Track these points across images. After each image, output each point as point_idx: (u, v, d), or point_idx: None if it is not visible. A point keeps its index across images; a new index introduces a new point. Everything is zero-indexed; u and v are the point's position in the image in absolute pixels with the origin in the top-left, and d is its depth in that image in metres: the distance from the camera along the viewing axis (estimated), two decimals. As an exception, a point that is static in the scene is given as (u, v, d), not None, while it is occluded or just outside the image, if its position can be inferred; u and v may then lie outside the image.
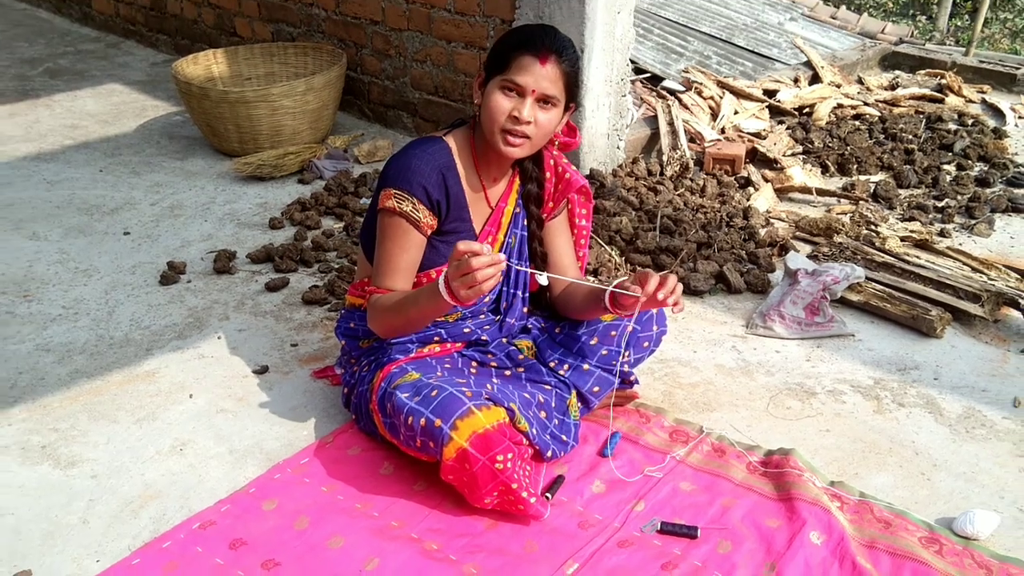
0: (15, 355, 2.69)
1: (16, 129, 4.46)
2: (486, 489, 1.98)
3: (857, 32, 5.54)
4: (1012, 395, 2.47)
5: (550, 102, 2.06)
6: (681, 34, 5.24)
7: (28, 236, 3.41)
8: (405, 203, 2.09)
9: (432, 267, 2.19)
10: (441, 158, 2.12)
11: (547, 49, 2.02)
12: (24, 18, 6.45)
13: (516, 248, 2.31)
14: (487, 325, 2.32)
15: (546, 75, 2.02)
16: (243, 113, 3.83)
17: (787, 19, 5.71)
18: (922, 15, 13.73)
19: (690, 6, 5.74)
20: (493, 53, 2.09)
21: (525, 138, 2.07)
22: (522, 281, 2.34)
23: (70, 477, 2.21)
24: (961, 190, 3.62)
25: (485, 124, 2.08)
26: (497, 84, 2.05)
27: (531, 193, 2.26)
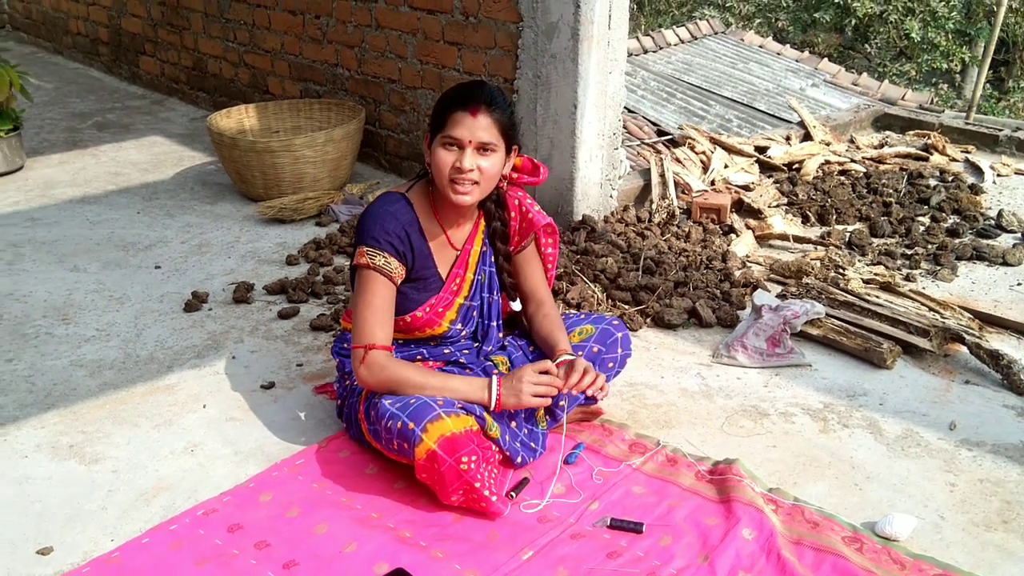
0: (52, 369, 3.01)
1: (65, 175, 4.87)
2: (453, 487, 2.23)
3: (878, 99, 5.79)
4: (950, 419, 2.68)
5: (488, 148, 2.30)
6: (703, 98, 5.57)
7: (70, 268, 3.76)
8: (377, 258, 2.33)
9: (404, 312, 2.44)
10: (403, 216, 2.38)
11: (476, 102, 2.26)
12: (77, 76, 6.96)
13: (486, 283, 2.57)
14: (466, 350, 2.59)
15: (479, 125, 2.27)
16: (268, 161, 4.20)
17: (809, 85, 6.00)
18: (946, 84, 13.99)
19: (714, 72, 6.08)
20: (433, 114, 2.34)
21: (474, 184, 2.31)
22: (495, 313, 2.61)
23: (93, 471, 2.50)
24: (931, 239, 3.85)
25: (436, 178, 2.34)
26: (439, 142, 2.30)
27: (496, 231, 2.52)
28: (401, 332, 2.49)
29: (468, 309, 2.55)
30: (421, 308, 2.45)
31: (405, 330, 2.48)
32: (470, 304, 2.55)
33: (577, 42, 3.67)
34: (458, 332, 2.54)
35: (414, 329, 2.47)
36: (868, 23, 13.34)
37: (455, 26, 4.17)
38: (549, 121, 3.87)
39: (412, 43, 4.40)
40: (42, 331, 3.25)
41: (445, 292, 2.48)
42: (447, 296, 2.49)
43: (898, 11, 12.80)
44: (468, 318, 2.56)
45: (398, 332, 2.48)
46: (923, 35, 12.52)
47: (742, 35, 7.03)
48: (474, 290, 2.54)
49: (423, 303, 2.45)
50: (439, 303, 2.47)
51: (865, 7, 12.74)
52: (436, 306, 2.47)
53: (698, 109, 5.39)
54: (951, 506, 2.32)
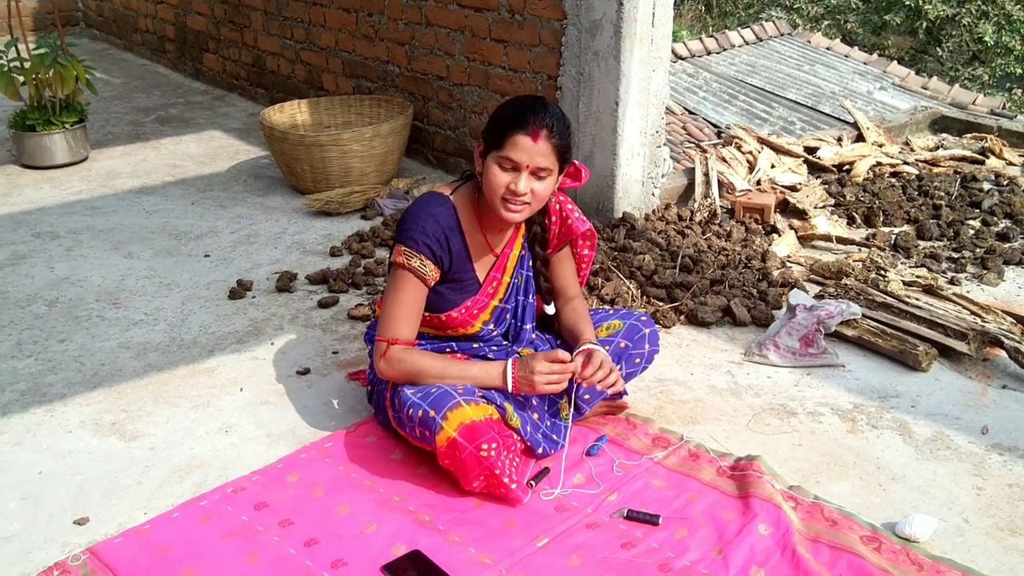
0: (100, 350, 3.13)
1: (126, 167, 5.04)
2: (474, 474, 2.27)
3: (947, 103, 5.68)
4: (983, 424, 2.63)
5: (544, 172, 2.29)
6: (767, 100, 5.52)
7: (124, 255, 3.89)
8: (414, 259, 2.35)
9: (440, 311, 2.47)
10: (445, 219, 2.38)
11: (537, 126, 2.23)
12: (144, 72, 7.18)
13: (522, 287, 2.59)
14: (495, 346, 2.61)
15: (538, 151, 2.24)
16: (316, 155, 4.29)
17: (876, 88, 5.91)
18: (1019, 89, 13.60)
19: (778, 74, 6.02)
20: (490, 127, 2.30)
21: (525, 204, 2.32)
22: (529, 316, 2.63)
23: (132, 448, 2.60)
24: (980, 243, 3.77)
25: (487, 194, 2.33)
26: (494, 159, 2.28)
27: (536, 236, 2.53)
28: (434, 328, 2.52)
29: (502, 311, 2.57)
30: (457, 309, 2.47)
31: (439, 327, 2.51)
32: (504, 306, 2.57)
33: (620, 39, 3.69)
34: (490, 332, 2.57)
35: (447, 327, 2.51)
36: (940, 26, 13.03)
37: (501, 23, 4.21)
38: (591, 118, 3.89)
39: (460, 40, 4.46)
40: (94, 314, 3.38)
41: (481, 295, 2.50)
42: (483, 299, 2.51)
43: (971, 14, 12.48)
44: (501, 320, 2.58)
45: (431, 328, 2.52)
46: (997, 39, 12.19)
47: (809, 37, 6.94)
48: (510, 293, 2.56)
49: (459, 304, 2.48)
50: (475, 305, 2.49)
51: (937, 9, 12.44)
52: (472, 308, 2.49)
53: (760, 111, 5.34)
54: (976, 510, 2.28)
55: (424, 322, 2.48)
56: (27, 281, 3.64)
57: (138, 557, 2.15)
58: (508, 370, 2.36)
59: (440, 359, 2.42)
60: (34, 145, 4.88)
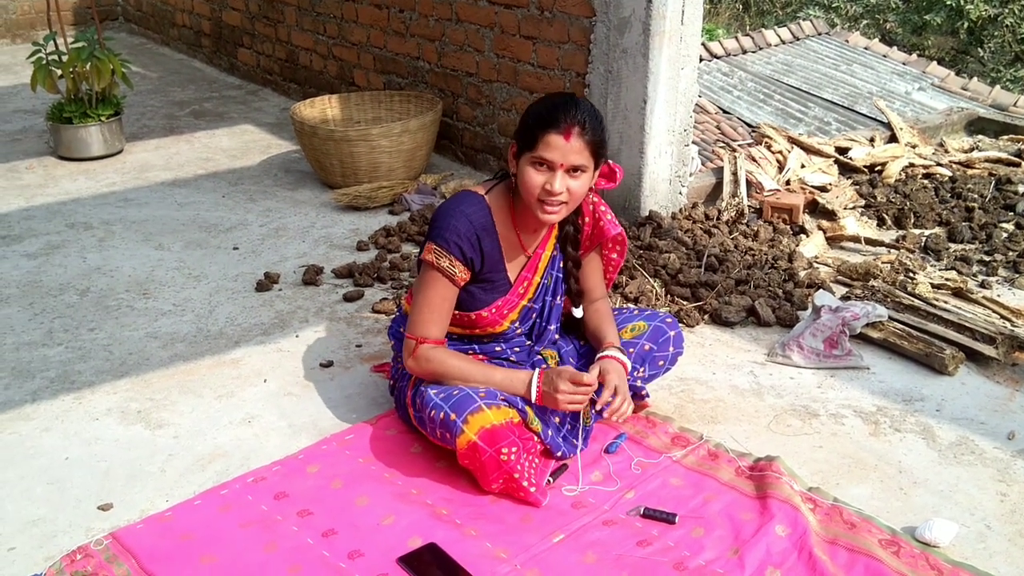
0: (128, 340, 3.18)
1: (159, 159, 5.10)
2: (493, 476, 2.28)
3: (988, 104, 5.59)
4: (1009, 429, 2.59)
5: (579, 170, 2.27)
6: (802, 100, 5.47)
7: (155, 247, 3.95)
8: (443, 259, 2.34)
9: (471, 310, 2.46)
10: (479, 219, 2.36)
11: (570, 124, 2.21)
12: (180, 67, 7.27)
13: (551, 288, 2.58)
14: (517, 347, 2.61)
15: (572, 148, 2.22)
16: (346, 150, 4.32)
17: (915, 89, 5.83)
18: (1062, 90, 13.34)
19: (814, 74, 5.96)
20: (522, 128, 2.29)
21: (562, 204, 2.30)
22: (554, 317, 2.62)
23: (156, 436, 2.64)
24: (1013, 247, 3.71)
25: (523, 195, 2.31)
26: (528, 160, 2.26)
27: (569, 235, 2.51)
28: (461, 327, 2.52)
29: (529, 311, 2.57)
30: (487, 308, 2.47)
31: (468, 326, 2.51)
32: (532, 306, 2.56)
33: (648, 37, 3.67)
34: (515, 331, 2.57)
35: (476, 327, 2.51)
36: (982, 26, 12.82)
37: (531, 20, 4.21)
38: (619, 116, 3.88)
39: (489, 37, 4.46)
40: (124, 304, 3.43)
41: (512, 295, 2.50)
42: (513, 299, 2.50)
43: (1015, 14, 12.26)
44: (527, 319, 2.58)
45: (459, 327, 2.52)
46: (1040, 39, 11.96)
47: (847, 36, 6.86)
48: (539, 293, 2.55)
49: (490, 303, 2.47)
50: (505, 305, 2.49)
51: (979, 9, 12.23)
52: (502, 308, 2.49)
53: (796, 111, 5.28)
54: (999, 516, 2.25)
55: (452, 321, 2.48)
56: (60, 271, 3.71)
57: (159, 543, 2.18)
58: (534, 382, 2.36)
59: (466, 361, 2.42)
60: (71, 137, 4.96)
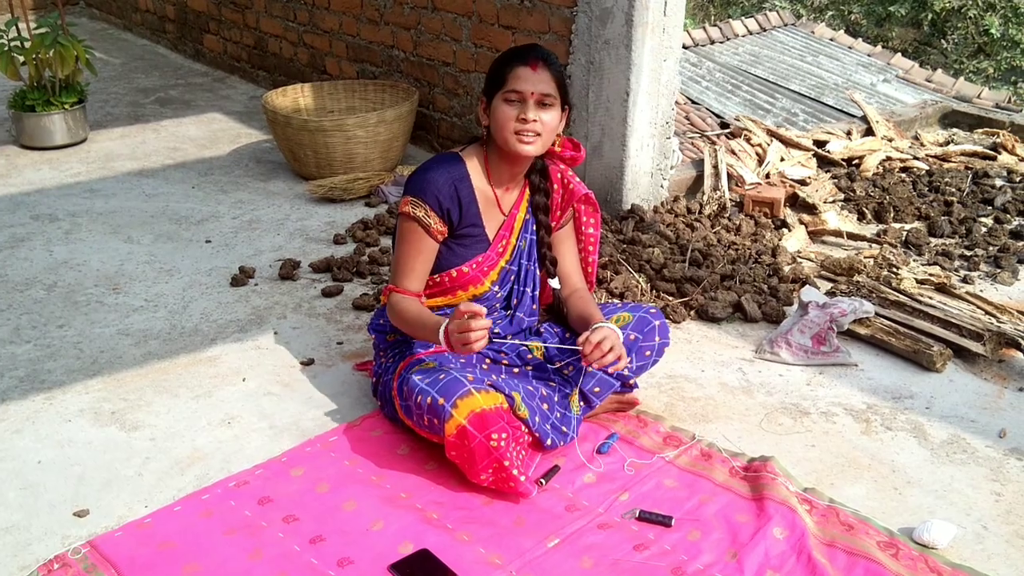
0: (100, 337, 3.07)
1: (125, 149, 4.96)
2: (482, 465, 2.22)
3: (952, 96, 5.62)
4: (1000, 427, 2.59)
5: (548, 101, 2.36)
6: (770, 91, 5.45)
7: (124, 239, 3.83)
8: (419, 209, 2.40)
9: (450, 267, 2.49)
10: (455, 171, 2.44)
11: (535, 57, 2.35)
12: (144, 53, 7.08)
13: (526, 250, 2.60)
14: (499, 320, 2.59)
15: (539, 78, 2.34)
16: (320, 141, 4.22)
17: (880, 80, 5.84)
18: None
19: (781, 65, 5.95)
20: (490, 76, 2.41)
21: (536, 135, 2.37)
22: (531, 279, 2.61)
23: (132, 438, 2.55)
24: (993, 241, 3.72)
25: (498, 134, 2.39)
26: (500, 98, 2.36)
27: (539, 203, 2.56)
28: (444, 292, 2.52)
29: (507, 273, 2.59)
30: (468, 264, 2.49)
31: (450, 287, 2.51)
32: (510, 268, 2.58)
33: (631, 28, 3.62)
34: (494, 295, 2.57)
35: (457, 287, 2.50)
36: (946, 18, 12.95)
37: (510, 9, 4.14)
38: (601, 108, 3.83)
39: (467, 26, 4.38)
40: (93, 299, 3.32)
41: (491, 252, 2.53)
42: (493, 256, 2.53)
43: (978, 6, 12.39)
44: (505, 281, 2.59)
45: (441, 295, 2.52)
46: (1003, 31, 12.09)
47: (813, 27, 6.86)
48: (515, 255, 2.58)
49: (470, 259, 2.50)
50: (485, 261, 2.52)
51: (943, 1, 12.36)
52: (483, 264, 2.51)
53: (763, 102, 5.27)
54: (995, 516, 2.24)
55: (435, 289, 2.51)
56: (25, 264, 3.58)
57: (139, 551, 2.10)
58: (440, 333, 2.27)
59: (417, 308, 2.43)
60: (33, 125, 4.80)
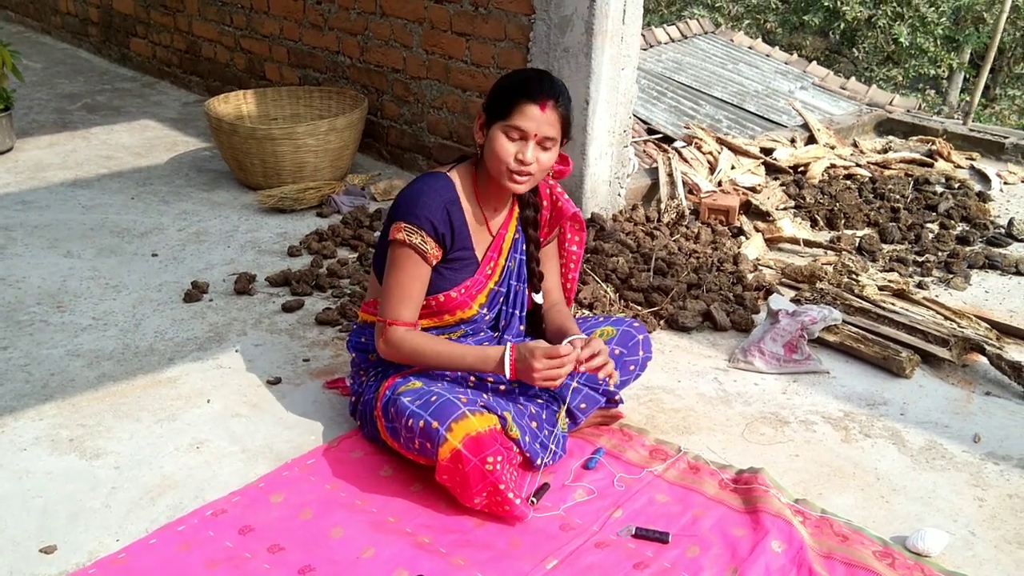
0: (48, 359, 2.90)
1: (55, 157, 4.73)
2: (476, 489, 2.16)
3: (866, 103, 5.76)
4: (973, 432, 2.64)
5: (550, 142, 2.27)
6: (694, 98, 5.50)
7: (63, 254, 3.64)
8: (414, 236, 2.28)
9: (438, 291, 2.38)
10: (446, 193, 2.33)
11: (546, 96, 2.22)
12: (65, 57, 6.79)
13: (515, 271, 2.52)
14: (486, 342, 2.51)
15: (546, 120, 2.23)
16: (268, 149, 4.09)
17: (797, 88, 5.96)
18: (932, 90, 14.02)
19: (704, 72, 6.01)
20: (495, 98, 2.28)
21: (529, 175, 2.28)
22: (519, 302, 2.55)
23: (94, 467, 2.41)
24: (942, 247, 3.82)
25: (491, 165, 2.29)
26: (500, 128, 2.25)
27: (529, 218, 2.48)
28: (431, 315, 2.42)
29: (496, 295, 2.51)
30: (456, 289, 2.40)
31: (437, 311, 2.41)
32: (498, 290, 2.51)
33: (591, 36, 3.60)
34: (483, 317, 2.50)
35: (445, 312, 2.41)
36: (856, 27, 13.36)
37: (464, 16, 4.08)
38: (560, 116, 3.80)
39: (418, 32, 4.31)
40: (37, 318, 3.14)
41: (479, 275, 2.44)
42: (481, 279, 2.44)
43: (887, 15, 12.81)
44: (494, 303, 2.52)
45: (428, 318, 2.42)
46: (912, 40, 12.52)
47: (732, 35, 6.98)
48: (504, 276, 2.50)
49: (459, 283, 2.40)
50: (474, 285, 2.43)
51: (855, 11, 12.74)
52: (471, 288, 2.42)
53: (688, 109, 5.32)
54: (981, 522, 2.28)
55: (422, 312, 2.39)
56: (-42, 282, 3.37)
57: (117, 591, 1.98)
58: (507, 356, 2.25)
59: (438, 341, 2.34)
60: (-46, 133, 4.55)
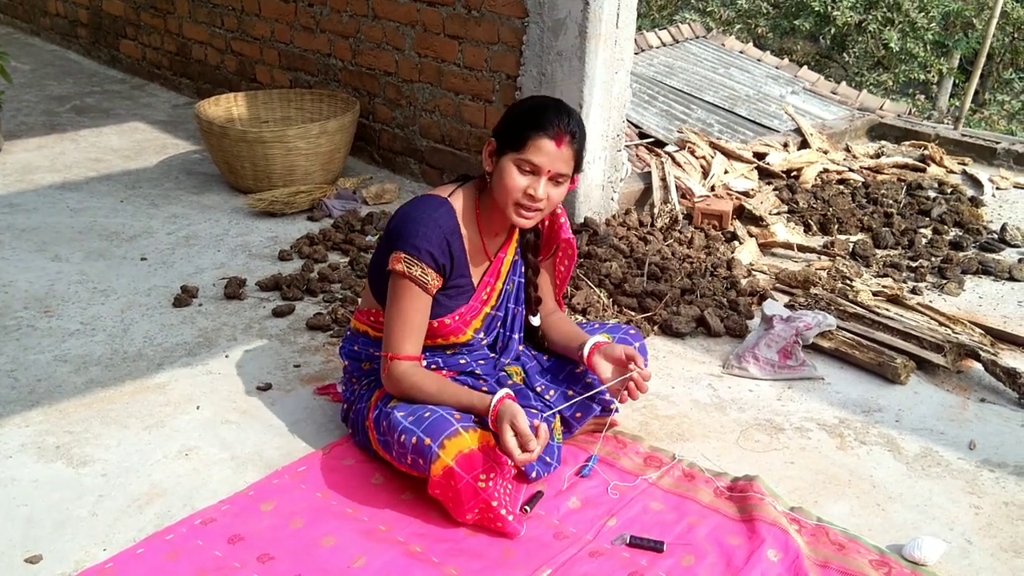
0: (35, 364, 2.87)
1: (43, 160, 4.69)
2: (468, 505, 2.13)
3: (856, 108, 5.77)
4: (968, 439, 2.62)
5: (562, 179, 2.21)
6: (685, 102, 5.49)
7: (51, 258, 3.60)
8: (415, 268, 2.21)
9: (435, 318, 2.31)
10: (446, 223, 2.24)
11: (562, 132, 2.14)
12: (55, 59, 6.75)
13: (513, 294, 2.47)
14: (482, 360, 2.47)
15: (560, 156, 2.16)
16: (259, 152, 4.06)
17: (789, 92, 5.96)
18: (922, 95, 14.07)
19: (695, 76, 6.00)
20: (508, 128, 2.19)
21: (538, 211, 2.22)
22: (518, 326, 2.51)
23: (81, 475, 2.37)
24: (935, 252, 3.81)
25: (499, 196, 2.21)
26: (512, 160, 2.17)
27: (530, 243, 2.42)
28: (426, 339, 2.35)
29: (493, 319, 2.45)
30: (451, 316, 2.34)
31: (431, 336, 2.35)
32: (495, 314, 2.45)
33: (585, 40, 3.58)
34: (479, 341, 2.44)
35: (439, 336, 2.36)
36: (847, 32, 13.40)
37: (457, 19, 4.06)
38: (553, 120, 3.77)
39: (411, 35, 4.28)
40: (24, 323, 3.10)
41: (475, 301, 2.38)
42: (476, 305, 2.39)
43: (877, 21, 12.84)
44: (492, 328, 2.47)
45: None
46: (902, 45, 12.56)
47: (723, 40, 6.98)
48: (502, 300, 2.44)
49: (454, 310, 2.34)
50: (468, 312, 2.37)
51: (845, 16, 12.77)
52: (465, 315, 2.36)
53: (680, 113, 5.30)
54: (977, 530, 2.26)
55: None
56: (-56, 286, 3.33)
57: (104, 602, 1.94)
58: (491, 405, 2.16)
59: (438, 384, 2.27)
60: (-59, 135, 4.50)
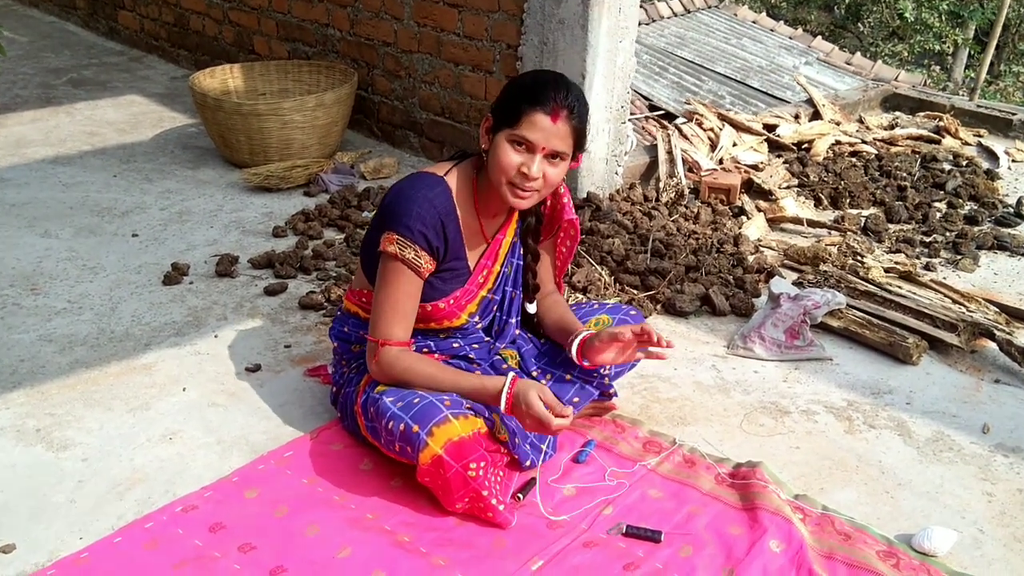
0: (18, 344, 2.79)
1: (37, 134, 4.60)
2: (458, 495, 2.05)
3: (871, 79, 5.60)
4: (982, 422, 2.52)
5: (559, 156, 2.09)
6: (696, 73, 5.34)
7: (40, 234, 3.52)
8: (407, 251, 2.11)
9: (427, 301, 2.22)
10: (441, 204, 2.13)
11: (558, 106, 2.03)
12: (52, 31, 6.64)
13: (511, 277, 2.37)
14: (476, 344, 2.37)
15: (557, 132, 2.04)
16: (255, 125, 3.96)
17: (802, 63, 5.80)
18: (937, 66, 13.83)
19: (706, 47, 5.85)
20: (504, 103, 2.09)
21: (534, 191, 2.11)
22: (515, 309, 2.41)
23: (61, 459, 2.30)
24: (950, 227, 3.69)
25: (493, 175, 2.11)
26: (506, 136, 2.06)
27: (530, 226, 2.31)
28: (418, 321, 2.25)
29: (489, 302, 2.35)
30: (445, 300, 2.24)
31: (423, 319, 2.25)
32: (492, 297, 2.35)
33: (587, 7, 3.46)
34: (474, 325, 2.34)
35: (431, 320, 2.26)
36: (861, 2, 13.15)
37: (456, -13, 3.93)
38: (554, 91, 3.65)
39: (409, 4, 4.16)
40: (9, 301, 3.03)
41: (471, 284, 2.28)
42: (472, 288, 2.28)
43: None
44: (487, 311, 2.37)
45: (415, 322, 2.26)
46: (917, 15, 12.32)
47: (735, 10, 6.80)
48: (499, 283, 2.34)
49: (448, 294, 2.24)
50: (463, 295, 2.26)
51: (860, -15, 12.54)
52: (460, 299, 2.26)
53: (691, 84, 5.16)
54: (990, 518, 2.16)
55: None
56: (-71, 263, 3.26)
57: (77, 594, 1.87)
58: (505, 391, 2.10)
59: (434, 367, 2.18)
60: (-68, 108, 4.42)
